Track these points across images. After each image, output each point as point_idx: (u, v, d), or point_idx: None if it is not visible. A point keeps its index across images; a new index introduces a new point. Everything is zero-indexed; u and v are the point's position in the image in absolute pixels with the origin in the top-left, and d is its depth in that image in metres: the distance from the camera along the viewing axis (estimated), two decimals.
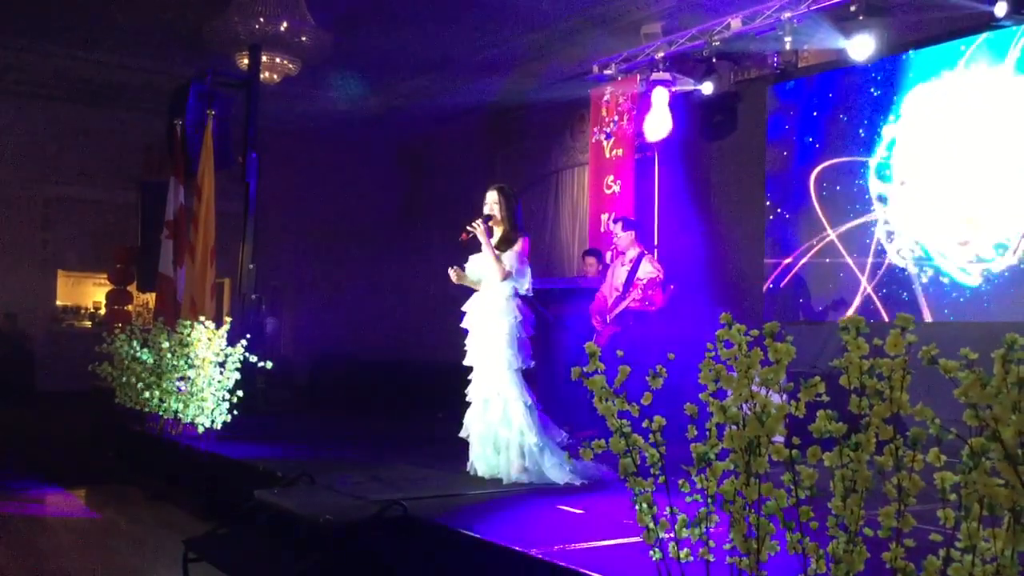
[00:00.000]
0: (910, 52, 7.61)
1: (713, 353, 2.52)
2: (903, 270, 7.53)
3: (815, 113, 8.38)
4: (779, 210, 8.59)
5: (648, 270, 6.94)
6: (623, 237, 7.22)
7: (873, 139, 7.82)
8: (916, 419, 2.16)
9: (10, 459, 7.80)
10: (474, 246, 5.33)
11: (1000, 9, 6.50)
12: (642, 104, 9.33)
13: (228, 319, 7.60)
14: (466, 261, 5.40)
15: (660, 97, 8.96)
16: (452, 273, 5.29)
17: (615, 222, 7.54)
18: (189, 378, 7.48)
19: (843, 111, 8.14)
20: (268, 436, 7.63)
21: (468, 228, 5.19)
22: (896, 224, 7.62)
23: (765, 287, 8.63)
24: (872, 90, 7.88)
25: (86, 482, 7.77)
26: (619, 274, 7.11)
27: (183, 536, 4.92)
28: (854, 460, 2.25)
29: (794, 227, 8.44)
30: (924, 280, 7.37)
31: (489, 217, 5.29)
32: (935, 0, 7.06)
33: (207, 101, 9.73)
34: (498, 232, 5.33)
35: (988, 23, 6.84)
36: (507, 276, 5.20)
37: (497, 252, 5.20)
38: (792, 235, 8.45)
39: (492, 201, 5.30)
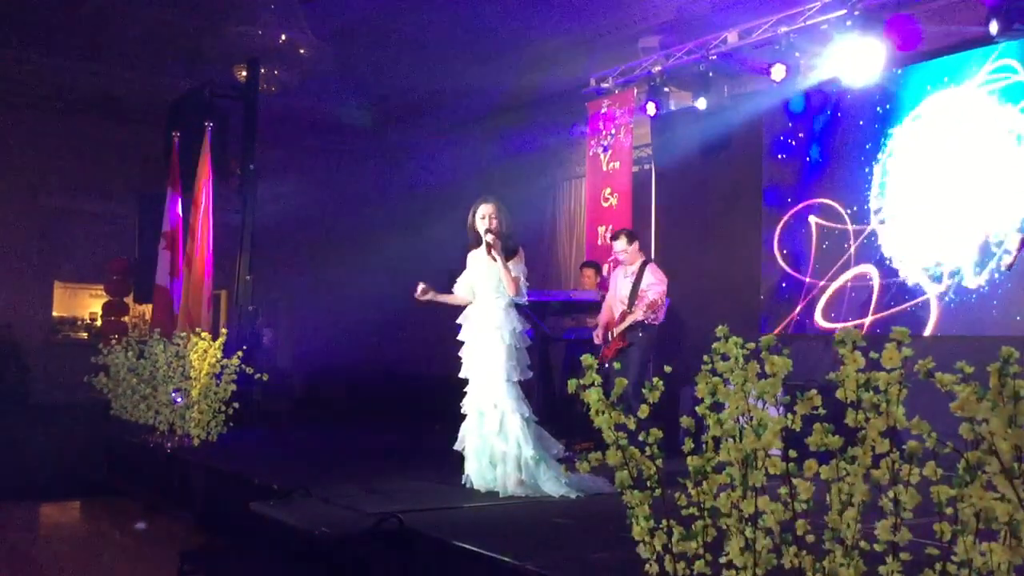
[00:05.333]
0: (908, 66, 7.64)
1: (710, 366, 2.53)
2: (901, 283, 7.53)
3: (812, 126, 8.40)
4: (776, 223, 8.59)
5: (651, 280, 6.90)
6: (629, 250, 7.11)
7: (872, 152, 7.84)
8: (912, 433, 2.16)
9: (4, 471, 7.76)
10: (461, 263, 5.32)
11: (993, 27, 6.58)
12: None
13: (225, 331, 7.61)
14: (459, 271, 5.39)
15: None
16: (420, 288, 5.18)
17: (614, 238, 7.37)
18: (185, 390, 7.48)
19: (840, 124, 8.16)
20: (264, 448, 7.63)
21: (487, 240, 5.15)
22: (894, 237, 7.63)
23: (762, 300, 8.63)
24: (870, 104, 7.91)
25: (81, 494, 7.73)
26: (623, 285, 7.06)
27: (179, 548, 4.91)
28: (851, 473, 2.25)
29: (791, 239, 8.44)
30: (923, 293, 7.37)
31: (489, 231, 5.23)
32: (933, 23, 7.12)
33: (205, 113, 9.76)
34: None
35: (984, 39, 6.89)
36: (518, 291, 5.18)
37: (509, 267, 5.16)
38: (789, 248, 8.46)
39: (490, 214, 5.21)
